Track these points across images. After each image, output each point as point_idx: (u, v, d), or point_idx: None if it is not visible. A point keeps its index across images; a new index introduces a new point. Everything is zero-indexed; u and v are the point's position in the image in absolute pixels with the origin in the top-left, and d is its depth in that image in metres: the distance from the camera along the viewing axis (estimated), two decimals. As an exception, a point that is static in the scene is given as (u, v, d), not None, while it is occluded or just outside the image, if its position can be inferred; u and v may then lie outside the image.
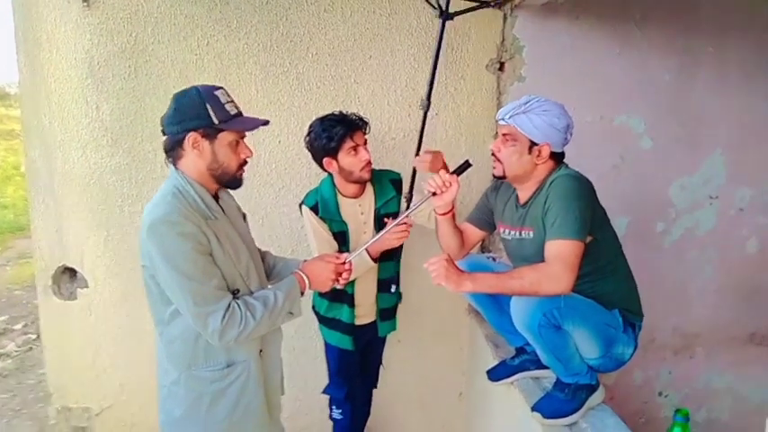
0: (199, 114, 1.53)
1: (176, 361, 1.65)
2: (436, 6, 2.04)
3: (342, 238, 2.28)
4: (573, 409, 1.81)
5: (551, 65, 2.68)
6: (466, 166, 1.89)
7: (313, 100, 2.61)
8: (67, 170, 2.53)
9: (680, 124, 2.84)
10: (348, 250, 2.27)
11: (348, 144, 2.14)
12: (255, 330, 1.58)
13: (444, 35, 2.11)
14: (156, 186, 1.64)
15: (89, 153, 2.51)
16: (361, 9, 2.56)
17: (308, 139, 2.21)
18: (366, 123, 2.22)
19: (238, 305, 1.56)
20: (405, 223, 2.13)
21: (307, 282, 1.72)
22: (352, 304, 2.35)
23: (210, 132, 1.55)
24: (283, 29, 2.53)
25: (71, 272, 2.66)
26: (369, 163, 2.20)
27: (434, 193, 1.84)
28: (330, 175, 2.28)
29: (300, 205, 2.32)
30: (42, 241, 2.61)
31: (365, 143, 2.21)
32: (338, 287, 1.87)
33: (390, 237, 2.13)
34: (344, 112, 2.21)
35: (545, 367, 1.98)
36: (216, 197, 1.68)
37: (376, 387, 2.71)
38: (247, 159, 1.66)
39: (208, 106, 1.53)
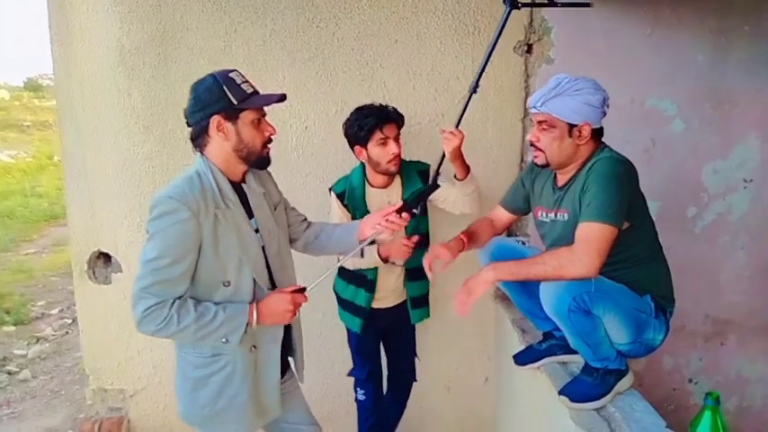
0: (218, 98, 1.56)
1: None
2: None
3: None
4: (601, 394, 1.80)
5: (580, 46, 2.63)
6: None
7: (339, 85, 2.61)
8: (101, 157, 2.58)
9: (713, 106, 2.77)
10: None
11: (378, 135, 2.18)
12: (176, 335, 1.57)
13: (506, 26, 1.90)
14: (187, 173, 1.67)
15: (121, 140, 2.56)
16: (386, -7, 2.55)
17: (344, 126, 2.28)
18: (401, 117, 2.25)
19: (172, 304, 1.52)
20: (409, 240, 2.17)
21: (255, 315, 1.62)
22: (370, 290, 2.37)
23: (232, 113, 1.58)
24: (309, 14, 2.54)
25: (105, 257, 2.72)
26: (396, 156, 2.22)
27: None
28: (362, 163, 2.32)
29: (330, 190, 2.37)
30: (77, 227, 2.67)
31: (397, 137, 2.23)
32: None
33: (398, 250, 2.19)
34: (383, 104, 2.25)
35: (572, 352, 1.97)
36: (242, 182, 1.70)
37: (416, 380, 2.70)
38: (271, 137, 1.68)
39: (225, 89, 1.56)
